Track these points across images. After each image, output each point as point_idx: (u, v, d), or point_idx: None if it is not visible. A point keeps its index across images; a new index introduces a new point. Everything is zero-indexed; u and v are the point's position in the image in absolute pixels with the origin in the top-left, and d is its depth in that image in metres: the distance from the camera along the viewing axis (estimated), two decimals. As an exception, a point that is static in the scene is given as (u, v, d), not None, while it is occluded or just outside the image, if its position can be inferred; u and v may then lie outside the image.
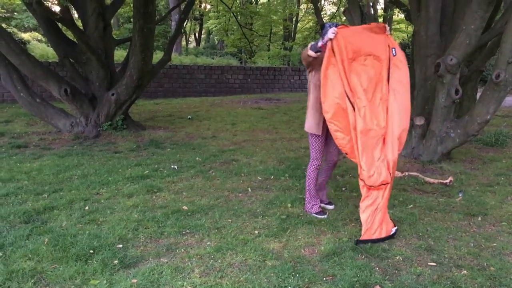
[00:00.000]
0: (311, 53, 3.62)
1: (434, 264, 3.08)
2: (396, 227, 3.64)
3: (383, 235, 3.48)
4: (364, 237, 3.43)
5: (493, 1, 5.09)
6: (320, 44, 3.60)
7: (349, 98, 3.51)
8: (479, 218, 3.98)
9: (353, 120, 3.51)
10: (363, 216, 3.51)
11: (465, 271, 2.96)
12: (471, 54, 5.85)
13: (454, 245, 3.40)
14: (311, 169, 4.06)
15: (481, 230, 3.71)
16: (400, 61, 3.66)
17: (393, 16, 31.49)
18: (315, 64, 3.76)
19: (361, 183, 3.55)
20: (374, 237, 3.43)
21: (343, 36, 3.53)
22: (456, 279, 2.85)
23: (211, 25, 27.83)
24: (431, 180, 5.15)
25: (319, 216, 3.99)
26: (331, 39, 3.52)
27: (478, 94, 6.40)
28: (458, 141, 5.77)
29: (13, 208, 4.09)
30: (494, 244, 3.42)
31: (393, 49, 3.64)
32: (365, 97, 3.52)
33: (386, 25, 3.71)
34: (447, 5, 6.27)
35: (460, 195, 4.64)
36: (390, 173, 3.50)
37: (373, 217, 3.48)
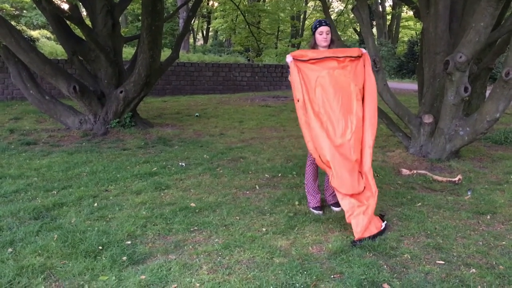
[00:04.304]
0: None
1: (443, 262, 3.07)
2: (385, 222, 3.67)
3: (374, 231, 3.48)
4: (357, 237, 3.41)
5: (503, -2, 5.05)
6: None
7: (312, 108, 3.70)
8: (488, 217, 3.95)
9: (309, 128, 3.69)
10: (352, 223, 3.52)
11: (473, 270, 2.94)
12: (480, 51, 5.79)
13: (463, 243, 3.38)
14: (308, 163, 4.10)
15: (490, 229, 3.69)
16: (368, 74, 3.84)
17: (402, 13, 31.40)
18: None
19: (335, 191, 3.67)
20: (366, 235, 3.41)
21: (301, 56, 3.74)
22: (465, 278, 2.84)
23: (217, 24, 27.87)
24: (440, 178, 5.12)
25: (315, 211, 4.00)
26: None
27: (487, 92, 6.36)
28: (467, 139, 5.73)
29: (23, 205, 4.13)
30: (503, 242, 3.39)
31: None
32: (327, 110, 3.70)
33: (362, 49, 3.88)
34: (456, 2, 6.22)
35: (468, 193, 4.62)
36: (367, 183, 3.65)
37: (357, 221, 3.48)
